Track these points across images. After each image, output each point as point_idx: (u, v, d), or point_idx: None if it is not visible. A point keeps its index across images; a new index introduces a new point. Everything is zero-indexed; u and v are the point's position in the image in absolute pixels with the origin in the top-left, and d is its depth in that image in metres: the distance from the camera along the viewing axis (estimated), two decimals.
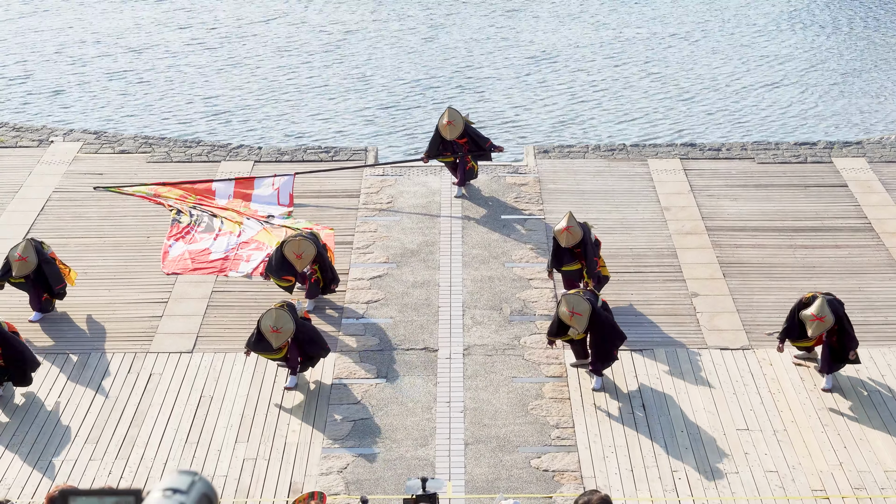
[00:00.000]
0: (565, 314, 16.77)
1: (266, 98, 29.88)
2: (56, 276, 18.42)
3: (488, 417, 16.54)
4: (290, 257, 18.46)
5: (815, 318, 16.69)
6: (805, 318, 16.83)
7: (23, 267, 18.17)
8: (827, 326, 16.69)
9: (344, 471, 15.52)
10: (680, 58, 32.44)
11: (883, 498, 15.07)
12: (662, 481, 15.33)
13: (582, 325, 16.74)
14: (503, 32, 34.07)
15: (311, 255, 18.48)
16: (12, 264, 18.21)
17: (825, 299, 16.79)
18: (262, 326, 16.63)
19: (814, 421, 16.43)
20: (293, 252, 18.43)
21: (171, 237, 20.88)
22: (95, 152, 24.11)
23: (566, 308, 16.74)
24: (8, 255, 18.46)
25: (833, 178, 23.02)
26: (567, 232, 18.42)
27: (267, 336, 16.57)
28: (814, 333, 16.80)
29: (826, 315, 16.63)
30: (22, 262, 18.15)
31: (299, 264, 18.50)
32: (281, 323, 16.46)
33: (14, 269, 18.19)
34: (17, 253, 18.19)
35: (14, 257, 18.21)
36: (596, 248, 18.66)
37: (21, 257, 18.16)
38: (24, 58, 32.31)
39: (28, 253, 18.17)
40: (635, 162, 23.75)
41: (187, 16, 35.19)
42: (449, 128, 21.84)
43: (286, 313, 16.57)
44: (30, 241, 18.39)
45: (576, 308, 16.68)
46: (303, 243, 18.45)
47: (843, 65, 32.15)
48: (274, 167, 23.46)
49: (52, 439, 16.10)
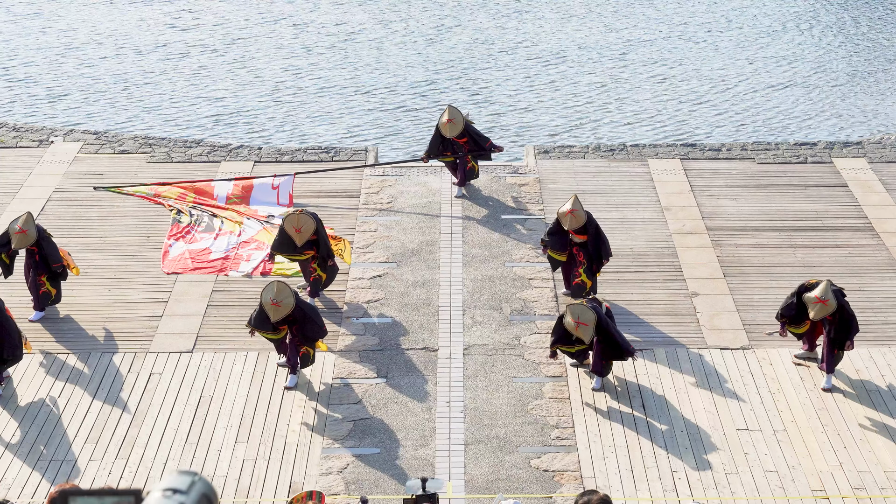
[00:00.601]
0: (570, 325, 16.73)
1: (267, 99, 29.87)
2: (54, 255, 18.29)
3: (488, 417, 16.54)
4: (290, 231, 18.56)
5: (819, 301, 16.70)
6: (808, 301, 16.83)
7: (22, 240, 18.07)
8: (829, 311, 16.70)
9: (344, 471, 15.52)
10: (680, 58, 32.43)
11: (883, 498, 15.07)
12: (662, 481, 15.33)
13: (588, 336, 16.70)
14: (503, 33, 34.05)
15: (311, 229, 18.54)
16: (11, 237, 18.13)
17: (829, 284, 16.86)
18: (262, 300, 16.70)
19: (814, 421, 16.43)
20: (292, 226, 18.56)
21: (171, 237, 20.88)
22: (95, 152, 24.12)
23: (571, 318, 16.70)
24: (8, 227, 18.38)
25: (833, 179, 23.03)
26: (571, 215, 18.41)
27: (267, 309, 16.61)
28: (815, 316, 16.75)
29: (829, 299, 16.66)
30: (22, 234, 18.06)
31: (298, 238, 18.55)
32: (281, 297, 16.53)
33: (13, 242, 18.10)
34: (18, 226, 18.12)
35: (14, 230, 18.13)
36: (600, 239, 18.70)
37: (21, 230, 18.08)
38: (25, 58, 32.30)
39: (28, 226, 18.08)
40: (635, 162, 23.76)
41: (190, 17, 35.18)
42: (449, 125, 21.85)
43: (287, 288, 16.64)
44: (30, 215, 18.33)
45: (581, 318, 16.65)
46: (302, 218, 18.57)
47: (843, 65, 32.15)
48: (274, 167, 23.47)
49: (52, 439, 16.10)
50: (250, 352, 17.82)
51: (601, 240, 18.65)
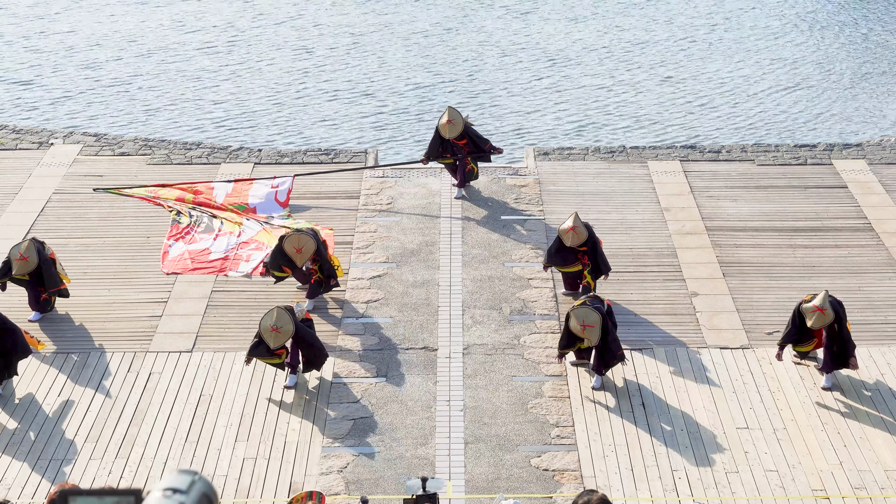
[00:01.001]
0: (577, 328, 16.77)
1: (267, 101, 29.88)
2: (52, 280, 18.47)
3: (488, 416, 16.53)
4: (290, 252, 18.50)
5: (817, 309, 16.73)
6: (806, 311, 16.85)
7: (23, 266, 18.27)
8: (827, 320, 16.72)
9: (344, 470, 15.51)
10: (681, 60, 32.44)
11: (883, 497, 15.06)
12: (662, 481, 15.32)
13: (595, 336, 16.76)
14: (503, 36, 34.07)
15: (311, 250, 18.49)
16: (13, 263, 18.30)
17: (827, 294, 16.89)
18: (262, 327, 16.63)
19: (814, 420, 16.43)
20: (293, 247, 18.48)
21: (170, 237, 20.89)
22: (95, 154, 24.12)
23: (577, 322, 16.75)
24: (10, 253, 18.53)
25: (833, 180, 23.03)
26: (573, 232, 18.53)
27: (265, 336, 16.55)
28: (814, 325, 16.78)
29: (827, 308, 16.68)
30: (23, 261, 18.26)
31: (299, 259, 18.51)
32: (281, 323, 16.46)
33: (14, 269, 18.29)
34: (20, 252, 18.30)
35: (16, 256, 18.32)
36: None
37: (23, 257, 18.26)
38: (25, 61, 32.31)
39: (30, 253, 18.29)
40: (635, 164, 23.76)
41: (193, 19, 35.20)
42: (448, 126, 21.85)
43: (287, 314, 16.56)
44: (32, 241, 18.47)
45: (586, 321, 16.70)
46: (303, 238, 18.50)
47: (843, 67, 32.16)
48: (274, 169, 23.47)
49: (52, 439, 16.09)
50: None
51: (598, 254, 18.74)
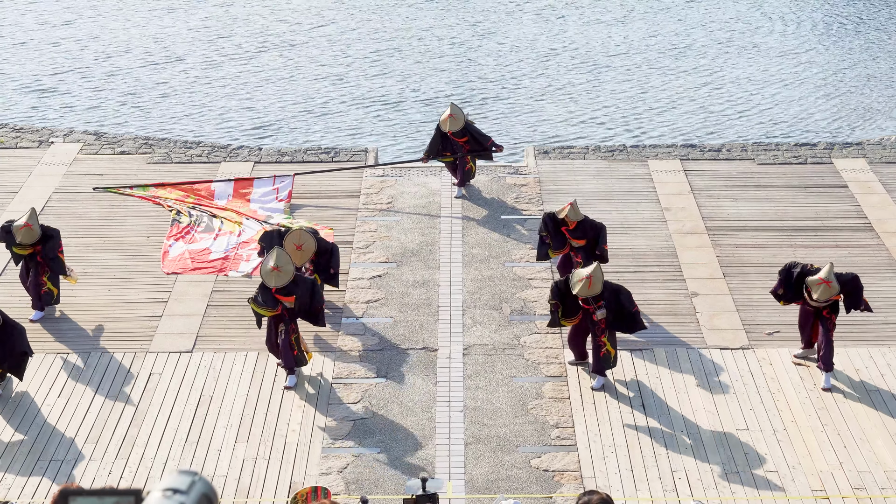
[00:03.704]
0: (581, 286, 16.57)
1: (267, 100, 29.88)
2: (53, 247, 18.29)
3: (488, 417, 16.54)
4: (290, 249, 18.29)
5: (823, 282, 16.74)
6: (811, 283, 16.85)
7: (28, 234, 18.11)
8: (832, 293, 16.74)
9: (344, 471, 15.52)
10: (681, 59, 32.44)
11: (883, 498, 15.06)
12: (662, 481, 15.33)
13: (598, 286, 16.64)
14: (503, 35, 34.06)
15: (312, 248, 18.39)
16: (16, 233, 18.13)
17: (832, 266, 16.90)
18: (262, 271, 16.82)
19: (814, 421, 16.43)
20: (293, 243, 18.28)
21: (170, 237, 20.89)
22: (95, 153, 24.12)
23: (576, 278, 16.66)
24: (11, 226, 18.32)
25: (833, 179, 23.03)
26: (570, 206, 18.47)
27: (266, 277, 16.65)
28: (819, 297, 16.78)
29: (832, 280, 16.70)
30: (27, 228, 18.09)
31: (298, 257, 18.27)
32: (282, 262, 16.62)
33: (18, 237, 18.13)
34: (23, 220, 18.16)
35: (19, 225, 18.16)
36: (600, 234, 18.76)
37: (26, 224, 18.12)
38: (25, 59, 32.31)
39: (32, 221, 18.16)
40: (635, 163, 23.76)
41: (193, 18, 35.19)
42: (450, 120, 21.80)
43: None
44: (33, 210, 18.38)
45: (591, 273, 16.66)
46: (304, 235, 18.38)
47: (843, 66, 32.16)
48: (274, 168, 23.47)
49: (52, 439, 16.09)
50: (250, 352, 17.82)
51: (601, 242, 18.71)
